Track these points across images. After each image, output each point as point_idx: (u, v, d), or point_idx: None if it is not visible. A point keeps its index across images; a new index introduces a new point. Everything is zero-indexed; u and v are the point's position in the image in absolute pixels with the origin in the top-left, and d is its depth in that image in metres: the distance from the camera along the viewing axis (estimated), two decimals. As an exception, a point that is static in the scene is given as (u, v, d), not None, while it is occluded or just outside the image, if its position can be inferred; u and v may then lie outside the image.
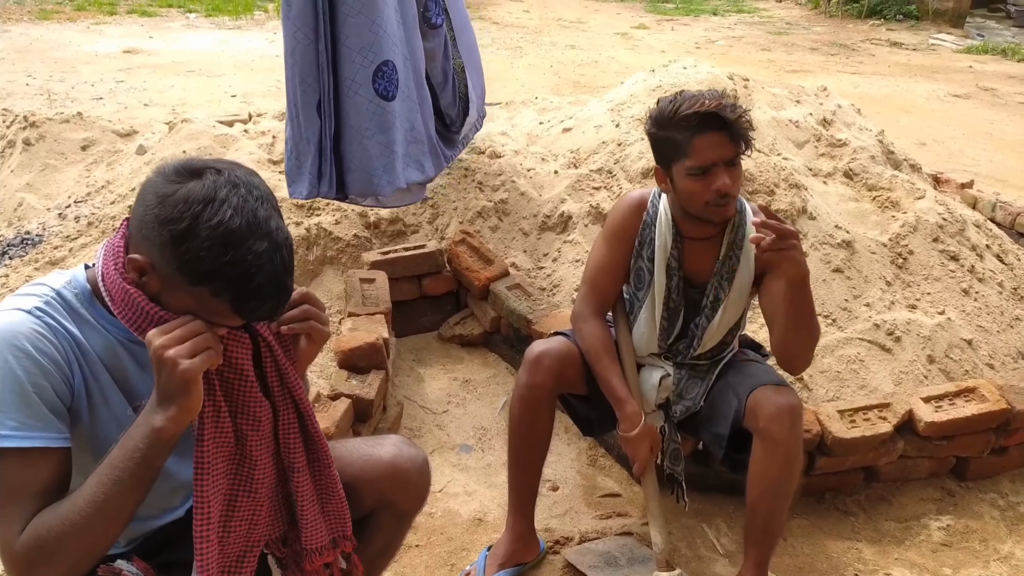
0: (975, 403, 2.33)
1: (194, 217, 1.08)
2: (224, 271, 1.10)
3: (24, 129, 4.18)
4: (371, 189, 2.78)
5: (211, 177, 1.11)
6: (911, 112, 6.84)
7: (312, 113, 2.62)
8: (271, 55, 7.97)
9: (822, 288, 2.73)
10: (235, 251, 1.09)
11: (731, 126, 1.75)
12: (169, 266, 1.11)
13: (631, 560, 2.04)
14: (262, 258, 1.11)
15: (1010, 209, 3.69)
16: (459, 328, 3.02)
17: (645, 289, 1.98)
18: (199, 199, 1.09)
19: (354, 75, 2.63)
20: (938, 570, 2.12)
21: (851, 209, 3.07)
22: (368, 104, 2.67)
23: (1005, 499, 2.38)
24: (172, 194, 1.10)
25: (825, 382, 2.48)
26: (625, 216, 1.99)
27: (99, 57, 7.61)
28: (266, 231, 1.12)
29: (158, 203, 1.10)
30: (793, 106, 3.53)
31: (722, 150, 1.76)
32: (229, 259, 1.09)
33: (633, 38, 9.79)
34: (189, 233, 1.08)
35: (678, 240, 1.92)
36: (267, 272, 1.12)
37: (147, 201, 1.12)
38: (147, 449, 1.10)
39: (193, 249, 1.08)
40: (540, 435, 1.99)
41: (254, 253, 1.10)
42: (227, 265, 1.09)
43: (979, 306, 2.80)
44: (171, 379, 1.09)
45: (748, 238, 1.85)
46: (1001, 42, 9.92)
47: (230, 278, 1.10)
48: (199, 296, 1.12)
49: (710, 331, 1.94)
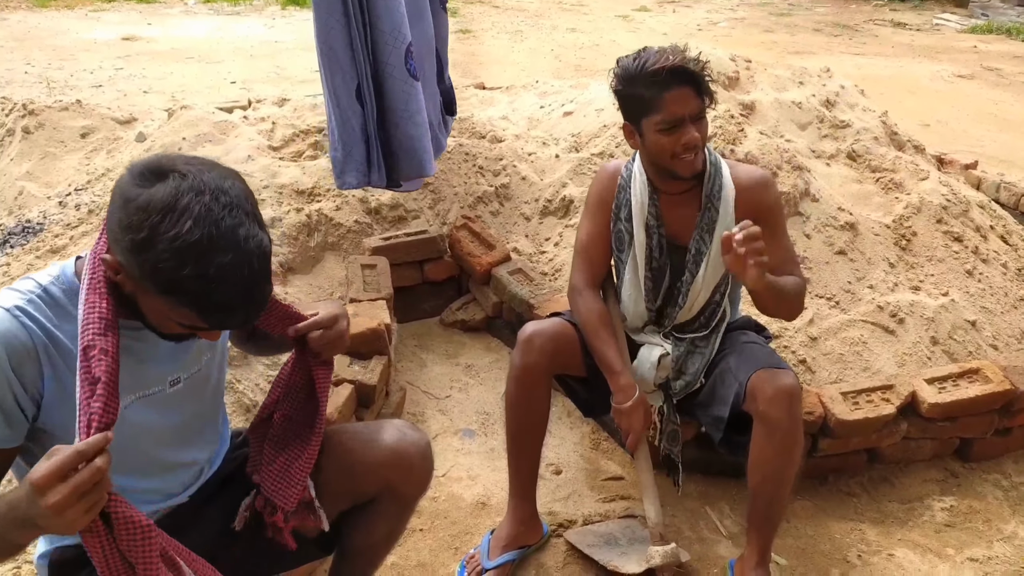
0: (978, 384, 2.32)
1: (152, 228, 1.04)
2: (184, 284, 1.06)
3: (23, 117, 4.16)
4: (420, 170, 2.75)
5: (174, 182, 1.07)
6: (915, 93, 6.79)
7: (353, 100, 2.60)
8: (270, 41, 7.94)
9: (825, 270, 2.72)
10: (194, 265, 1.05)
11: (697, 80, 1.79)
12: (134, 271, 1.09)
13: (631, 540, 2.04)
14: (225, 271, 1.06)
15: (1014, 190, 3.66)
16: (461, 313, 3.01)
17: (627, 250, 2.00)
18: (158, 208, 1.05)
19: (387, 57, 2.60)
20: (941, 550, 2.13)
21: (854, 191, 3.06)
22: (404, 85, 2.65)
23: (1008, 479, 2.38)
24: (135, 199, 1.06)
25: (828, 364, 2.48)
26: (602, 185, 2.04)
27: (98, 44, 7.58)
28: (231, 242, 1.07)
29: (122, 206, 1.08)
30: (796, 88, 3.50)
31: (690, 104, 1.80)
32: (188, 272, 1.05)
33: (634, 21, 9.71)
34: (148, 244, 1.05)
35: (654, 197, 1.94)
36: (231, 284, 1.07)
37: (115, 202, 1.10)
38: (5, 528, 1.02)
39: (151, 260, 1.05)
40: (537, 416, 1.99)
41: (216, 266, 1.06)
42: (187, 279, 1.05)
43: (983, 287, 2.79)
44: (52, 527, 0.98)
45: (724, 189, 1.90)
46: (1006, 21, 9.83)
47: (191, 292, 1.07)
48: (167, 303, 1.10)
49: (695, 288, 1.95)
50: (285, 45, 7.81)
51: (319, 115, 3.73)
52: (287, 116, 3.76)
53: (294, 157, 3.46)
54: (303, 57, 7.09)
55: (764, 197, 1.91)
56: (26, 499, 0.97)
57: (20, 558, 1.81)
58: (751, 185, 1.92)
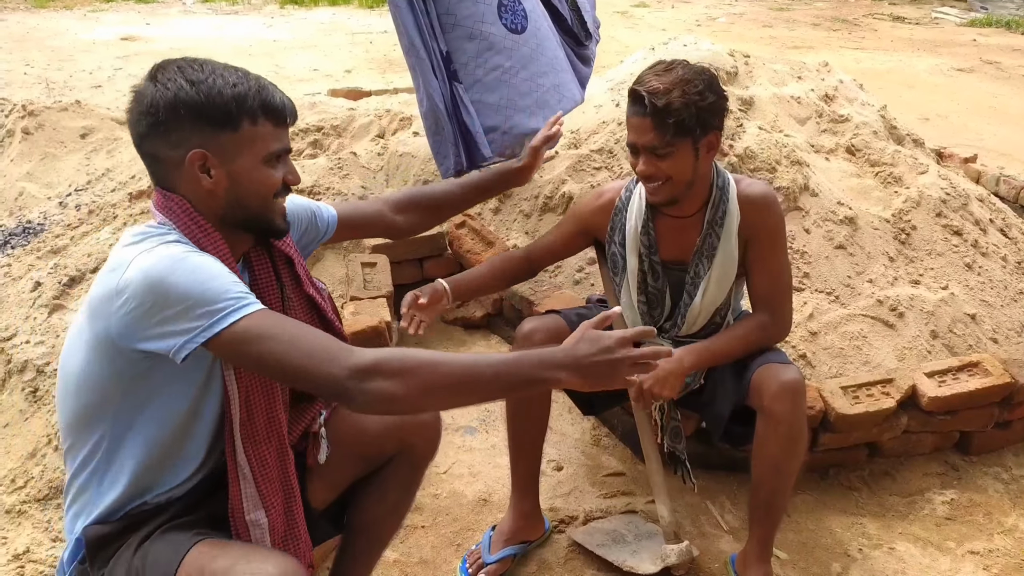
0: (978, 377, 2.32)
1: (171, 83, 1.22)
2: (243, 99, 1.25)
3: (23, 118, 4.16)
4: (529, 127, 2.54)
5: (165, 71, 1.26)
6: (914, 87, 6.78)
7: (431, 77, 2.42)
8: (268, 40, 7.94)
9: (824, 265, 2.72)
10: (235, 76, 1.27)
11: (655, 114, 1.70)
12: (205, 135, 1.23)
13: (638, 536, 2.05)
14: (238, 72, 1.29)
15: (1014, 183, 3.66)
16: (461, 311, 3.02)
17: (620, 274, 2.01)
18: (155, 76, 1.25)
19: (482, 15, 2.43)
20: (942, 543, 2.13)
21: (854, 185, 3.06)
22: (503, 40, 2.48)
23: (1009, 472, 2.39)
24: (143, 96, 1.24)
25: (828, 359, 2.48)
26: (588, 206, 2.08)
27: (96, 45, 7.58)
28: (223, 65, 1.29)
29: (148, 109, 1.23)
30: (795, 82, 3.50)
31: (643, 135, 1.74)
32: (237, 83, 1.25)
33: (633, 16, 9.71)
34: (195, 102, 1.22)
35: (649, 223, 1.93)
36: (253, 77, 1.29)
37: (140, 122, 1.24)
38: (529, 379, 1.20)
39: (207, 109, 1.22)
40: (538, 413, 2.00)
41: (245, 72, 1.29)
42: (240, 92, 1.25)
43: (982, 280, 2.79)
44: (595, 374, 1.21)
45: (728, 216, 1.87)
46: (1005, 14, 9.82)
47: (250, 96, 1.25)
48: (248, 137, 1.25)
49: (692, 310, 1.94)
50: (284, 44, 7.81)
51: (318, 114, 3.73)
52: (286, 115, 3.76)
53: (293, 156, 3.47)
54: (301, 56, 7.10)
55: (766, 219, 1.88)
56: (564, 353, 1.21)
57: (23, 557, 1.81)
58: (754, 207, 1.88)
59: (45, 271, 2.65)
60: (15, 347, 2.26)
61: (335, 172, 3.28)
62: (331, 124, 3.65)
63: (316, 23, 8.94)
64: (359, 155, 3.38)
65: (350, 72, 6.41)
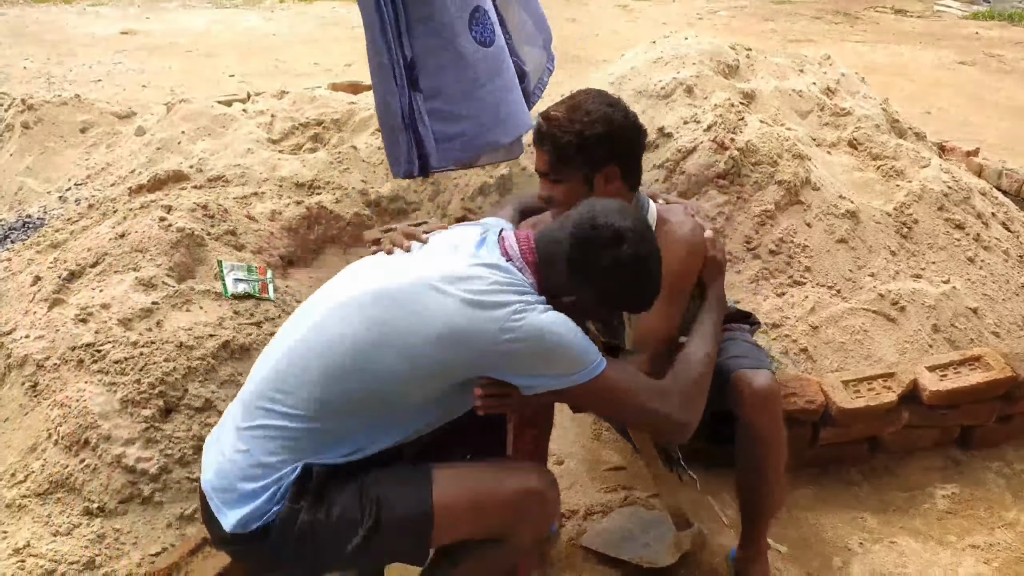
0: (980, 371, 2.32)
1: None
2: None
3: (22, 112, 4.16)
4: (491, 140, 2.56)
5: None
6: (916, 80, 6.76)
7: (391, 83, 2.43)
8: (268, 34, 7.92)
9: (826, 259, 2.71)
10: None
11: (540, 141, 1.76)
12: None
13: (644, 529, 2.05)
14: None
15: (1016, 177, 3.65)
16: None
17: None
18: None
19: (452, 26, 2.42)
20: (943, 538, 2.13)
21: (855, 179, 3.05)
22: (473, 53, 2.47)
23: (1010, 467, 2.38)
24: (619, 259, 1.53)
25: (829, 353, 2.48)
26: None
27: (96, 39, 7.56)
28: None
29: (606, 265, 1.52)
30: (796, 76, 3.49)
31: (537, 160, 1.79)
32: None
33: (634, 11, 9.67)
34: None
35: None
36: None
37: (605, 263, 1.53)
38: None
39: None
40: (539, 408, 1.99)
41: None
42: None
43: (984, 274, 2.78)
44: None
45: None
46: (1008, 7, 9.77)
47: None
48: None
49: (629, 335, 1.87)
50: (284, 38, 7.78)
51: (318, 108, 3.72)
52: (286, 109, 3.75)
53: (293, 150, 3.46)
54: (302, 50, 7.08)
55: (669, 264, 1.68)
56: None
57: (24, 551, 1.81)
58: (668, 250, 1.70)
59: (45, 265, 2.64)
60: (15, 341, 2.25)
61: (335, 166, 3.27)
62: (331, 118, 3.64)
63: (316, 17, 8.91)
64: (359, 149, 3.38)
65: (350, 66, 6.39)
